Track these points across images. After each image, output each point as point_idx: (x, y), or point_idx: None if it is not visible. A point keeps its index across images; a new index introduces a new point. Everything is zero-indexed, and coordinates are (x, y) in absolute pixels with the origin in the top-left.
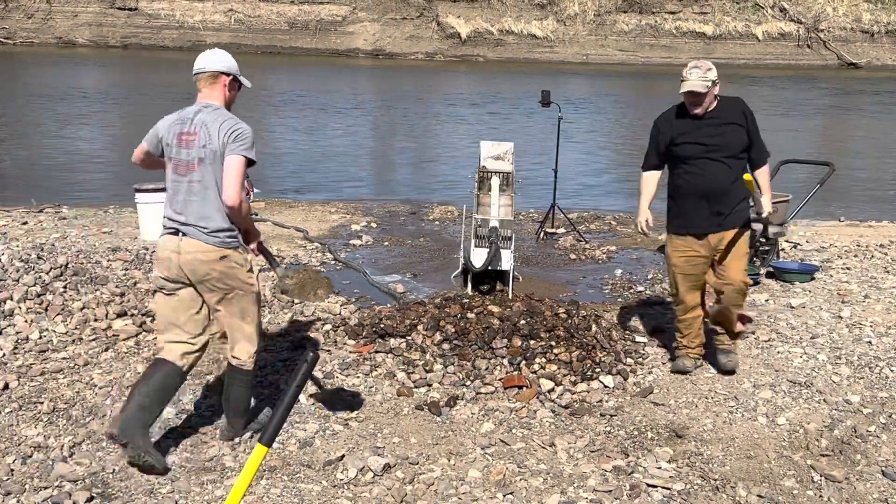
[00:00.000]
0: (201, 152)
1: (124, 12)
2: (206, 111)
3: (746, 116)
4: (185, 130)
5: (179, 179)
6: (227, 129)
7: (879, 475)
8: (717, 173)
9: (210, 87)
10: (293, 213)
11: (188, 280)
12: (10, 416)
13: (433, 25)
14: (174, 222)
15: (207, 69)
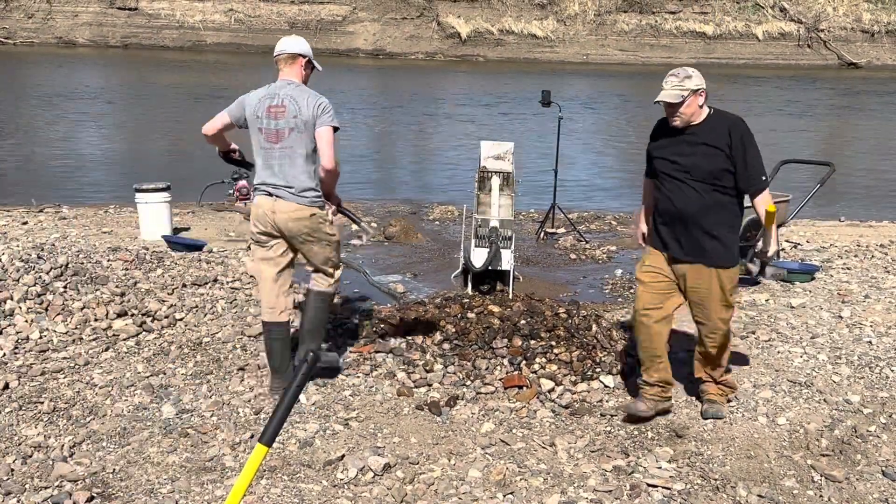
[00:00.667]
0: (292, 122)
1: (124, 12)
2: (291, 87)
3: (732, 138)
4: (275, 104)
5: (271, 147)
6: (314, 102)
7: (880, 475)
8: (684, 197)
9: (289, 67)
10: None
11: (280, 234)
12: (11, 415)
13: (433, 25)
14: (268, 185)
15: (287, 51)
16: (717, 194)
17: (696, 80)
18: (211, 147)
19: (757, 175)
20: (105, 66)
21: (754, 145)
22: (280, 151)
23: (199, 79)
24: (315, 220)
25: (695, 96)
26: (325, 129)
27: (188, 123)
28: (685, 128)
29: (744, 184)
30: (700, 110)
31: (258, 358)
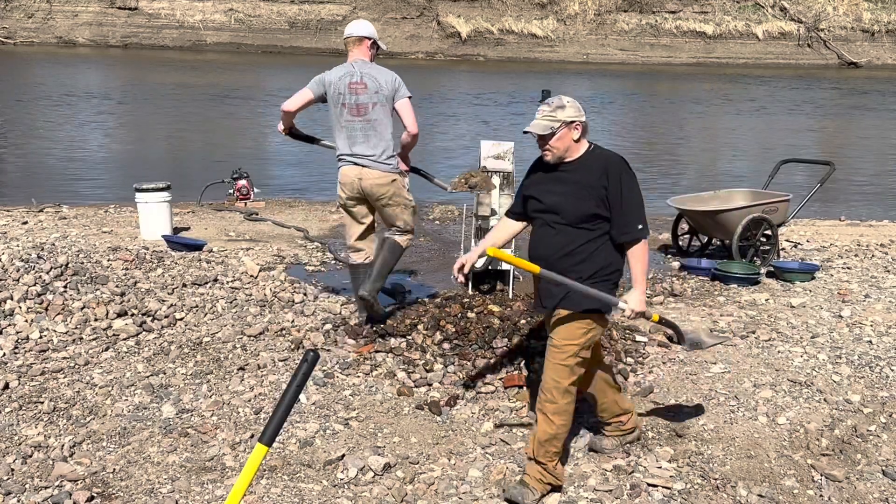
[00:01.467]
0: (374, 97)
1: (124, 12)
2: (366, 66)
3: (609, 179)
4: (355, 81)
5: (353, 120)
6: (390, 78)
7: (880, 474)
8: (548, 240)
9: (358, 48)
10: (294, 213)
11: (364, 198)
12: (11, 415)
13: (433, 25)
14: (354, 156)
15: (355, 34)
16: (588, 241)
17: (569, 111)
18: (211, 146)
19: (633, 223)
20: (105, 66)
21: (634, 188)
22: (363, 124)
23: (200, 78)
24: (396, 185)
25: (567, 129)
26: (405, 101)
27: (188, 123)
28: (558, 164)
29: (616, 231)
30: (576, 145)
31: (258, 357)
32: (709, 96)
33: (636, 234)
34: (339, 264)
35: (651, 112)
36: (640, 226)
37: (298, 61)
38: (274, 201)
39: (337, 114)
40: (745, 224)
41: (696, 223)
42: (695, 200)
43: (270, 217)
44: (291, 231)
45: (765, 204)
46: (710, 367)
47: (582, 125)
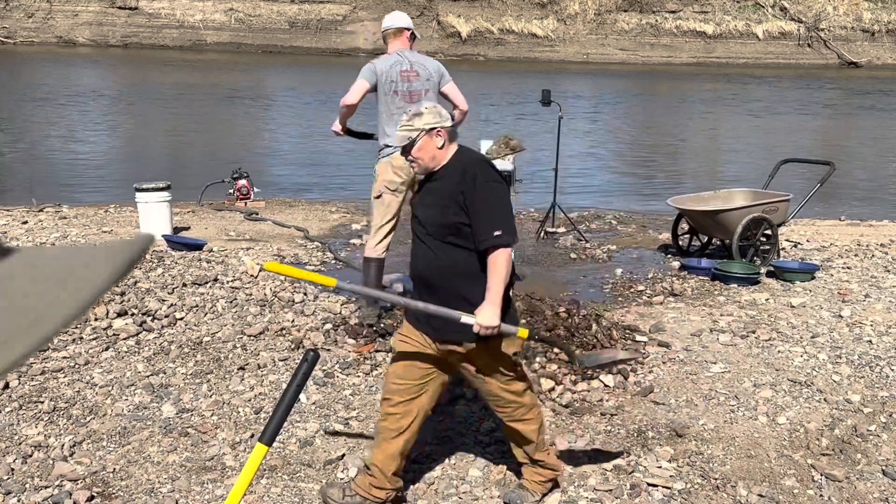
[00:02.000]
0: (426, 84)
1: (125, 12)
2: (412, 55)
3: (465, 183)
4: (406, 69)
5: (405, 106)
6: (436, 66)
7: (880, 474)
8: (421, 255)
9: (398, 39)
10: (294, 213)
11: (409, 186)
12: (11, 415)
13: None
14: None
15: (394, 25)
16: (451, 254)
17: (427, 118)
18: (211, 146)
19: (488, 228)
20: (105, 66)
21: (492, 191)
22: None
23: (200, 78)
24: None
25: (428, 137)
26: (451, 84)
27: (188, 123)
28: (430, 175)
29: (475, 239)
30: (441, 153)
31: (258, 357)
32: (709, 96)
33: (493, 240)
34: (340, 264)
35: (651, 112)
36: (499, 231)
37: (298, 61)
38: (274, 201)
39: (388, 101)
40: (746, 224)
41: (696, 223)
42: (695, 200)
43: (270, 217)
44: (291, 231)
45: (765, 204)
46: (710, 367)
47: (446, 131)
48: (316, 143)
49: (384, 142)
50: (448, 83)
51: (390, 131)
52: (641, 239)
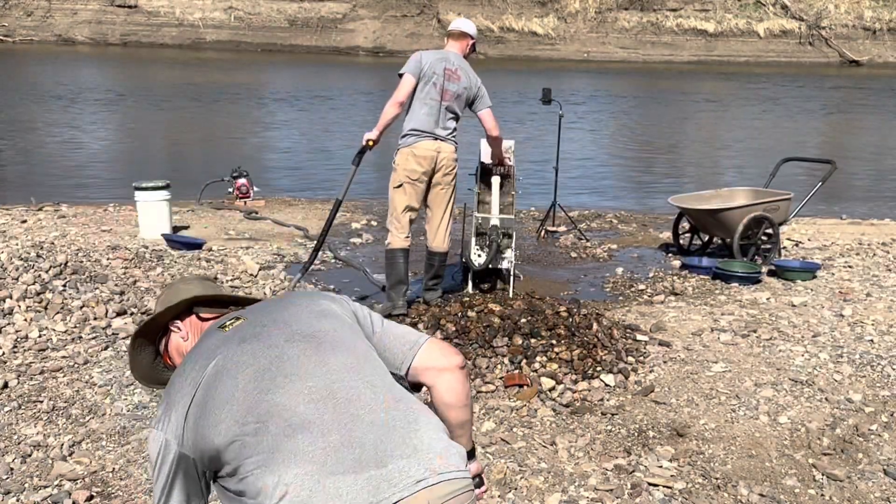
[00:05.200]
0: (460, 90)
1: (124, 10)
2: (461, 60)
3: None
4: (449, 67)
5: (437, 101)
6: (477, 82)
7: (881, 474)
8: None
9: (458, 42)
10: (293, 212)
11: (432, 173)
12: (10, 414)
13: (433, 23)
14: (434, 132)
15: (460, 29)
16: None
17: None
18: (210, 145)
19: None
20: (104, 64)
21: None
22: (444, 105)
23: (199, 77)
24: (456, 161)
25: None
26: (488, 111)
27: (188, 121)
28: None
29: None
30: None
31: None
32: (710, 95)
33: None
34: (340, 263)
35: (652, 110)
36: None
37: (298, 59)
38: (273, 200)
39: (423, 88)
40: (747, 223)
41: (697, 222)
42: (696, 199)
43: (270, 216)
44: (291, 230)
45: (766, 202)
46: (711, 367)
47: None
48: (316, 141)
49: (409, 127)
50: (484, 109)
51: (420, 120)
52: (642, 238)
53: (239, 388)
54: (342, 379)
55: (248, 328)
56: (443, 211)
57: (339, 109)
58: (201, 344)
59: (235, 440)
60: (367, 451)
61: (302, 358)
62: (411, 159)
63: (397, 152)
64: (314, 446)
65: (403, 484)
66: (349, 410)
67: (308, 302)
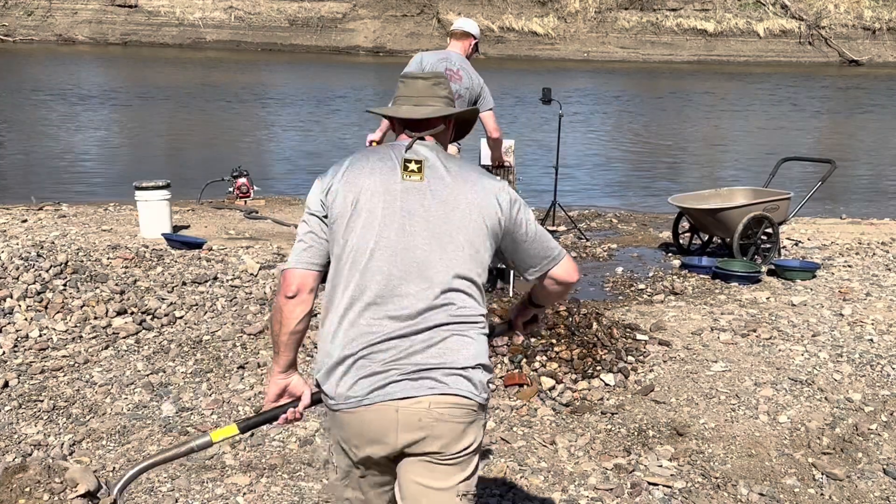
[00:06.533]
0: (462, 91)
1: (124, 9)
2: (462, 60)
3: None
4: (451, 67)
5: None
6: (480, 82)
7: (881, 473)
8: None
9: (459, 42)
10: (293, 211)
11: None
12: (10, 414)
13: (433, 23)
14: None
15: (463, 28)
16: None
17: None
18: (210, 144)
19: None
20: (105, 64)
21: None
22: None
23: (199, 76)
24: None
25: None
26: (489, 113)
27: (188, 121)
28: None
29: None
30: None
31: (258, 356)
32: (710, 94)
33: None
34: None
35: (652, 110)
36: None
37: (298, 59)
38: (274, 199)
39: None
40: (746, 222)
41: (696, 221)
42: (695, 198)
43: (270, 215)
44: (291, 229)
45: (766, 202)
46: (711, 366)
47: None
48: (316, 141)
49: None
50: (486, 111)
51: None
52: (642, 237)
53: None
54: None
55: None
56: None
57: (339, 109)
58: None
59: None
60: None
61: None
62: None
63: None
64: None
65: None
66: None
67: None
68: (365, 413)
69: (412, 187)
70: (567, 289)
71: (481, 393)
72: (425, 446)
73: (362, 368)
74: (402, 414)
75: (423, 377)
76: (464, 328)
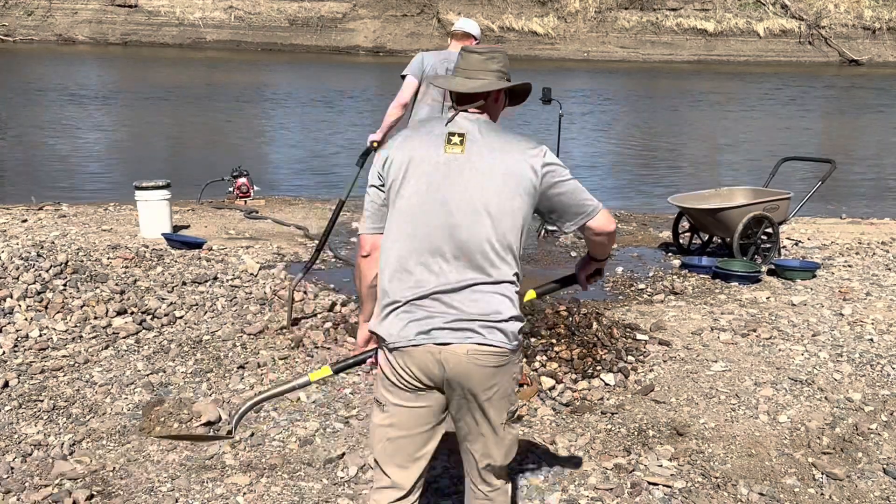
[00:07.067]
0: None
1: (124, 9)
2: None
3: None
4: (450, 68)
5: (440, 103)
6: None
7: (881, 473)
8: None
9: (461, 42)
10: (294, 211)
11: None
12: (10, 413)
13: (434, 23)
14: None
15: (464, 29)
16: None
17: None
18: (210, 144)
19: None
20: (105, 64)
21: None
22: (446, 106)
23: (199, 76)
24: None
25: None
26: None
27: (188, 121)
28: None
29: None
30: None
31: (258, 356)
32: (710, 94)
33: None
34: (340, 262)
35: (652, 110)
36: None
37: (298, 59)
38: (274, 199)
39: (424, 90)
40: (746, 222)
41: (696, 221)
42: (695, 198)
43: (270, 215)
44: (291, 229)
45: (766, 202)
46: (711, 366)
47: None
48: (316, 141)
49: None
50: None
51: (418, 117)
52: (642, 237)
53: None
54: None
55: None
56: None
57: (339, 109)
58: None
59: None
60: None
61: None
62: None
63: None
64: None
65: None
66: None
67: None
68: (413, 351)
69: (453, 159)
70: (608, 238)
71: (513, 342)
72: (463, 385)
73: (411, 314)
74: (444, 356)
75: (463, 328)
76: (499, 287)
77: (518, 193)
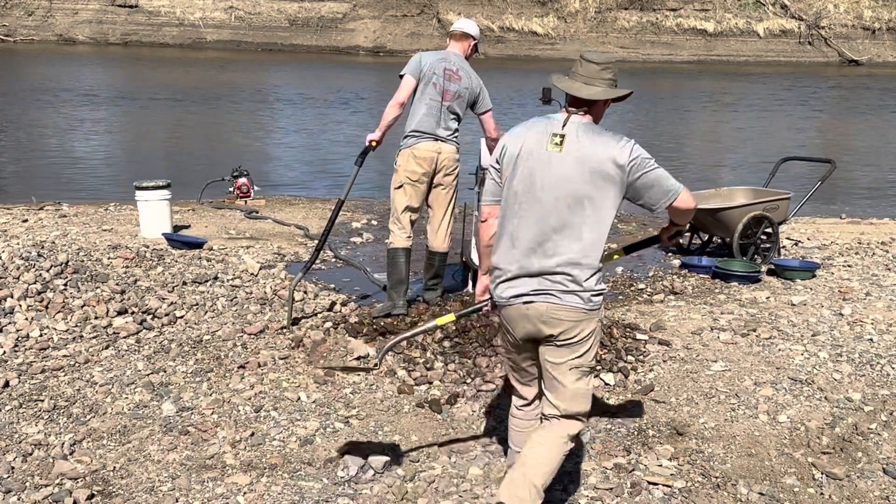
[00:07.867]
0: (462, 91)
1: (125, 9)
2: (462, 60)
3: None
4: (450, 68)
5: (438, 101)
6: (479, 83)
7: (881, 473)
8: None
9: (459, 43)
10: (294, 211)
11: (433, 174)
12: (11, 413)
13: (434, 23)
14: (435, 133)
15: (462, 30)
16: None
17: None
18: (211, 144)
19: None
20: (105, 64)
21: None
22: (445, 106)
23: (200, 76)
24: (458, 162)
25: None
26: (489, 114)
27: (188, 121)
28: None
29: None
30: None
31: (258, 356)
32: (709, 94)
33: None
34: (340, 262)
35: (651, 110)
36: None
37: (299, 59)
38: (274, 199)
39: (423, 88)
40: (746, 222)
41: (696, 221)
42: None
43: (271, 215)
44: (292, 229)
45: (766, 202)
46: (711, 366)
47: None
48: (316, 141)
49: (410, 128)
50: (487, 112)
51: (421, 121)
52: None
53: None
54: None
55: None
56: (444, 211)
57: (339, 109)
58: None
59: None
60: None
61: None
62: (412, 160)
63: (399, 153)
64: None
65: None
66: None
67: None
68: (511, 310)
69: (554, 156)
70: (691, 210)
71: (588, 303)
72: (547, 333)
73: (512, 281)
74: (531, 312)
75: (546, 292)
76: (581, 264)
77: (605, 186)
